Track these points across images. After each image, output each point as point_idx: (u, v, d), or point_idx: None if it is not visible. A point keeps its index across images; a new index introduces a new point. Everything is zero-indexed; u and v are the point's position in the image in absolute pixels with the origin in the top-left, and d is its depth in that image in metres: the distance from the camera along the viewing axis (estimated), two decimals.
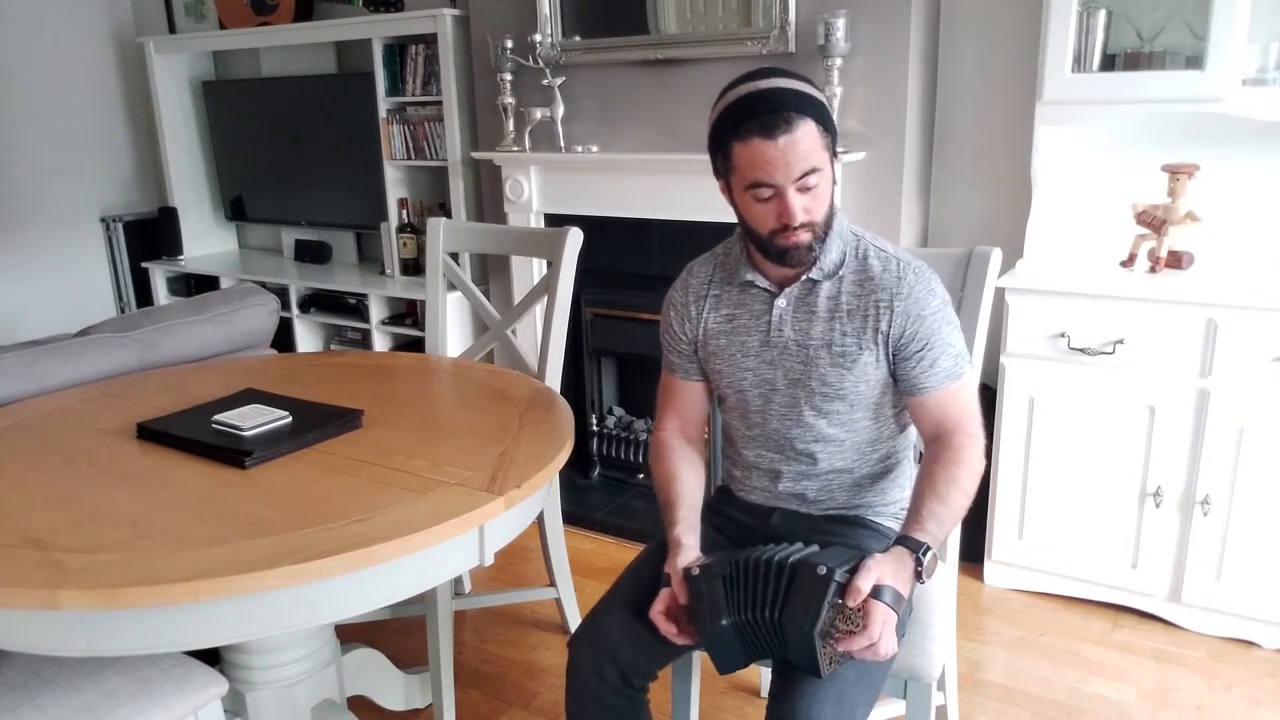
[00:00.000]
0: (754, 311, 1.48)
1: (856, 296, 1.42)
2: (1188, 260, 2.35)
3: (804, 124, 1.29)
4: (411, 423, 1.71)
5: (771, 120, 1.28)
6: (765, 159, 1.30)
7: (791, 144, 1.29)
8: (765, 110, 1.29)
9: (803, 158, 1.30)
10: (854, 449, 1.49)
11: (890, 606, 1.23)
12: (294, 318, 3.83)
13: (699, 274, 1.56)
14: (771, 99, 1.30)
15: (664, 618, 1.35)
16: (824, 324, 1.43)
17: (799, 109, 1.29)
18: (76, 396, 1.91)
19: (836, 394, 1.44)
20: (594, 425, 3.28)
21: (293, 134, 4.00)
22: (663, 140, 2.88)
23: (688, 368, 1.57)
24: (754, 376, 1.48)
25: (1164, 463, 2.26)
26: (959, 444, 1.39)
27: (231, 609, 1.23)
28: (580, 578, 2.56)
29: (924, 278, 1.41)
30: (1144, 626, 2.36)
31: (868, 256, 1.43)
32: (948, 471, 1.37)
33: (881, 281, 1.41)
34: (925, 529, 1.32)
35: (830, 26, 2.44)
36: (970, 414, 1.43)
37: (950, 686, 1.85)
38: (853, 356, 1.42)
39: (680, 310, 1.55)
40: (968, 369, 1.44)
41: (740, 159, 1.32)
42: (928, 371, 1.40)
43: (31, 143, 4.24)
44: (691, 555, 1.39)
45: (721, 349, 1.51)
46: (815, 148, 1.31)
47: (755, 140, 1.29)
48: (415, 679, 2.05)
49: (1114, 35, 2.34)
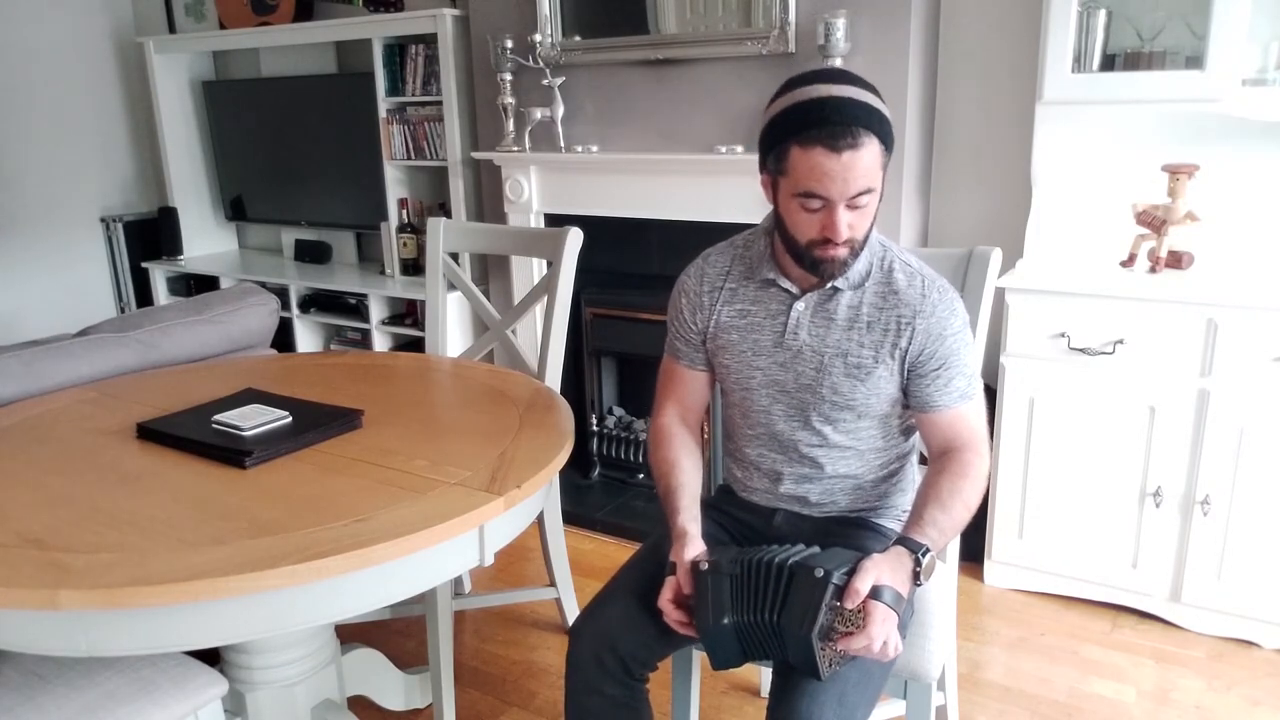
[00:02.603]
0: (770, 310, 1.46)
1: (878, 309, 1.40)
2: (1188, 260, 2.35)
3: (870, 142, 1.25)
4: (411, 423, 1.71)
5: (840, 133, 1.23)
6: (824, 171, 1.25)
7: (854, 161, 1.24)
8: (836, 120, 1.23)
9: (861, 177, 1.25)
10: (859, 457, 1.49)
11: (890, 606, 1.23)
12: (294, 318, 3.83)
13: (716, 264, 1.52)
14: (844, 111, 1.24)
15: (671, 606, 1.35)
16: (842, 333, 1.41)
17: (868, 126, 1.24)
18: (76, 396, 1.91)
19: (846, 404, 1.43)
20: (594, 425, 3.28)
21: (293, 134, 4.00)
22: (663, 140, 2.88)
23: (693, 356, 1.55)
24: (763, 376, 1.47)
25: (1164, 463, 2.26)
26: (967, 460, 1.39)
27: (231, 609, 1.23)
28: (580, 578, 2.56)
29: (948, 297, 1.40)
30: (1144, 626, 2.36)
31: (893, 270, 1.41)
32: (953, 483, 1.36)
33: (906, 297, 1.39)
34: (926, 533, 1.32)
35: (830, 26, 2.44)
36: (979, 434, 1.42)
37: (950, 686, 1.85)
38: (868, 369, 1.40)
39: (693, 298, 1.52)
40: (979, 389, 1.44)
41: (798, 164, 1.27)
42: (942, 391, 1.40)
43: (31, 143, 4.24)
44: (698, 546, 1.38)
45: (732, 344, 1.49)
46: (874, 167, 1.27)
47: (819, 150, 1.24)
48: (415, 679, 2.05)
49: (1114, 35, 2.34)
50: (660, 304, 2.97)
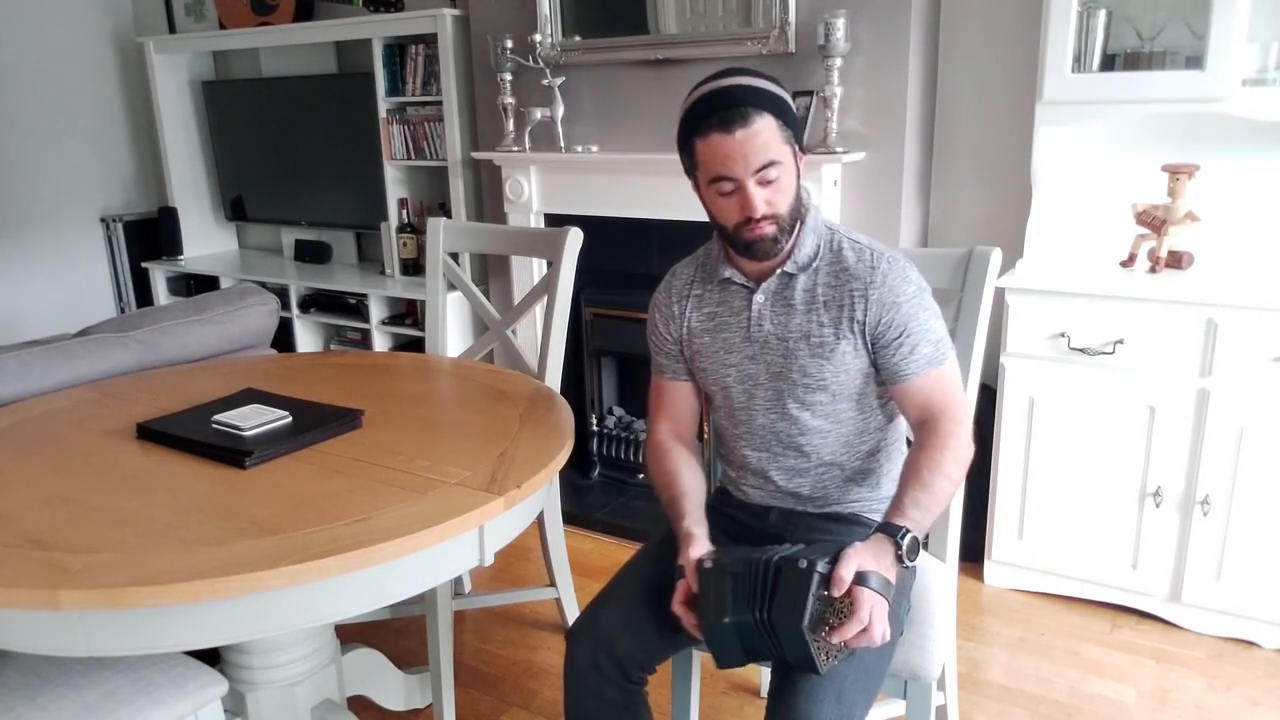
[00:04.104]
0: (734, 308, 1.50)
1: (832, 287, 1.44)
2: (1188, 260, 2.35)
3: (761, 118, 1.32)
4: (411, 423, 1.71)
5: (728, 115, 1.32)
6: (724, 153, 1.33)
7: (749, 137, 1.32)
8: (722, 106, 1.32)
9: (760, 151, 1.33)
10: (840, 440, 1.50)
11: (878, 591, 1.25)
12: (294, 318, 3.83)
13: (681, 275, 1.59)
14: (728, 96, 1.33)
15: (684, 609, 1.36)
16: (802, 316, 1.45)
17: (756, 104, 1.32)
18: (76, 396, 1.91)
19: (818, 384, 1.45)
20: (594, 425, 3.28)
21: (293, 134, 4.00)
22: (663, 140, 2.87)
23: (675, 368, 1.59)
24: (737, 372, 1.50)
25: (1164, 463, 2.26)
26: (945, 429, 1.40)
27: (231, 609, 1.23)
28: (580, 578, 2.56)
29: (897, 266, 1.43)
30: (1144, 626, 2.36)
31: (842, 248, 1.46)
32: (932, 457, 1.38)
33: (856, 271, 1.43)
34: (906, 514, 1.33)
35: (830, 26, 2.44)
36: (955, 398, 1.44)
37: (950, 686, 1.85)
38: (830, 346, 1.43)
39: (664, 311, 1.58)
40: (950, 355, 1.45)
41: (702, 155, 1.36)
42: (908, 358, 1.42)
43: (31, 143, 4.24)
44: (704, 546, 1.40)
45: (705, 346, 1.53)
46: (774, 141, 1.33)
47: (714, 135, 1.33)
48: (415, 679, 2.06)
49: (1114, 35, 2.34)
50: None
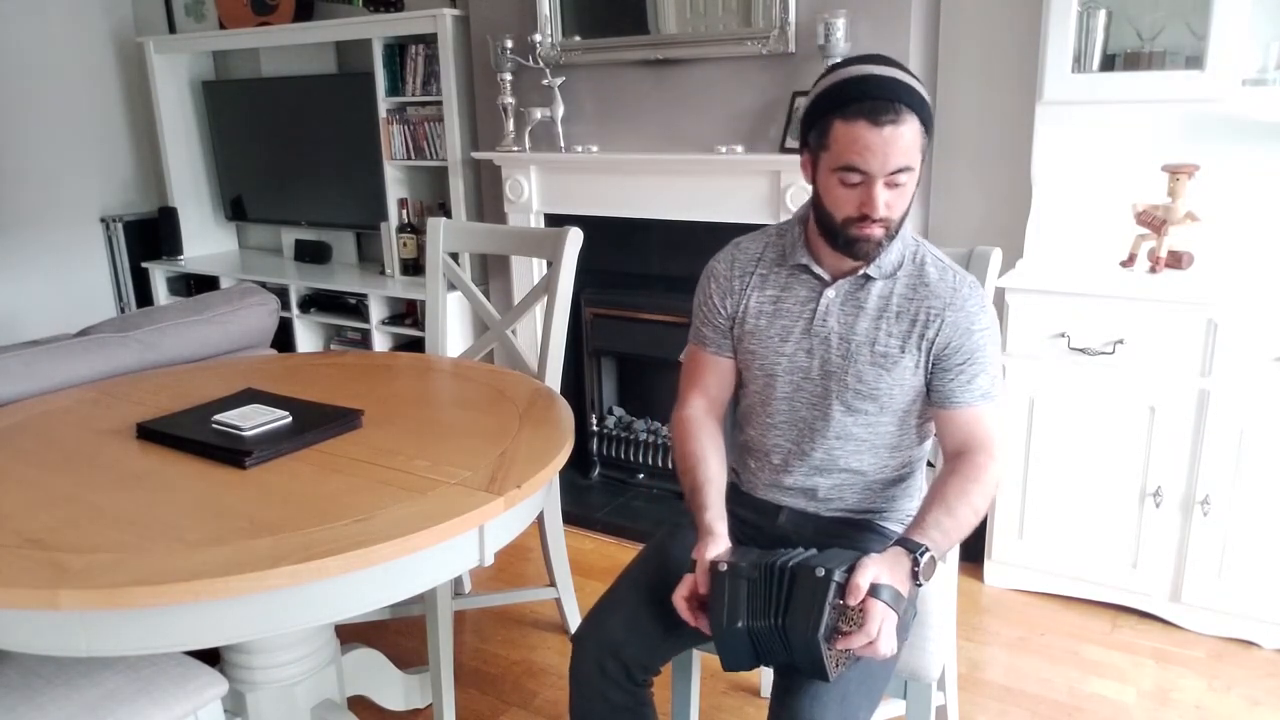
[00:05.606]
0: (800, 297, 1.46)
1: (908, 300, 1.41)
2: (1188, 260, 2.35)
3: (911, 120, 1.28)
4: (411, 423, 1.71)
5: (882, 107, 1.26)
6: (865, 144, 1.27)
7: (895, 136, 1.27)
8: (878, 96, 1.26)
9: (901, 153, 1.28)
10: (872, 452, 1.48)
11: (889, 605, 1.23)
12: (294, 318, 3.83)
13: (747, 250, 1.53)
14: (887, 87, 1.27)
15: (684, 603, 1.34)
16: (870, 321, 1.42)
17: (909, 103, 1.27)
18: (76, 396, 1.91)
19: (870, 393, 1.43)
20: (594, 425, 3.28)
21: (293, 134, 4.00)
22: (663, 140, 2.88)
23: (721, 343, 1.54)
24: (788, 362, 1.47)
25: (1164, 463, 2.26)
26: (980, 462, 1.38)
27: (231, 609, 1.23)
28: (580, 578, 2.56)
29: (978, 292, 1.41)
30: (1144, 626, 2.36)
31: (925, 263, 1.43)
32: (962, 486, 1.36)
33: (936, 289, 1.40)
34: (927, 534, 1.31)
35: (830, 26, 2.44)
36: (996, 437, 1.42)
37: (950, 686, 1.85)
38: (894, 358, 1.41)
39: (723, 283, 1.52)
40: (1001, 394, 1.43)
41: (839, 138, 1.29)
42: (965, 387, 1.40)
43: (31, 143, 4.24)
44: (722, 545, 1.37)
45: (760, 329, 1.49)
46: (914, 147, 1.29)
47: (861, 123, 1.27)
48: (415, 679, 2.05)
49: (1114, 35, 2.34)
50: (660, 304, 2.99)
